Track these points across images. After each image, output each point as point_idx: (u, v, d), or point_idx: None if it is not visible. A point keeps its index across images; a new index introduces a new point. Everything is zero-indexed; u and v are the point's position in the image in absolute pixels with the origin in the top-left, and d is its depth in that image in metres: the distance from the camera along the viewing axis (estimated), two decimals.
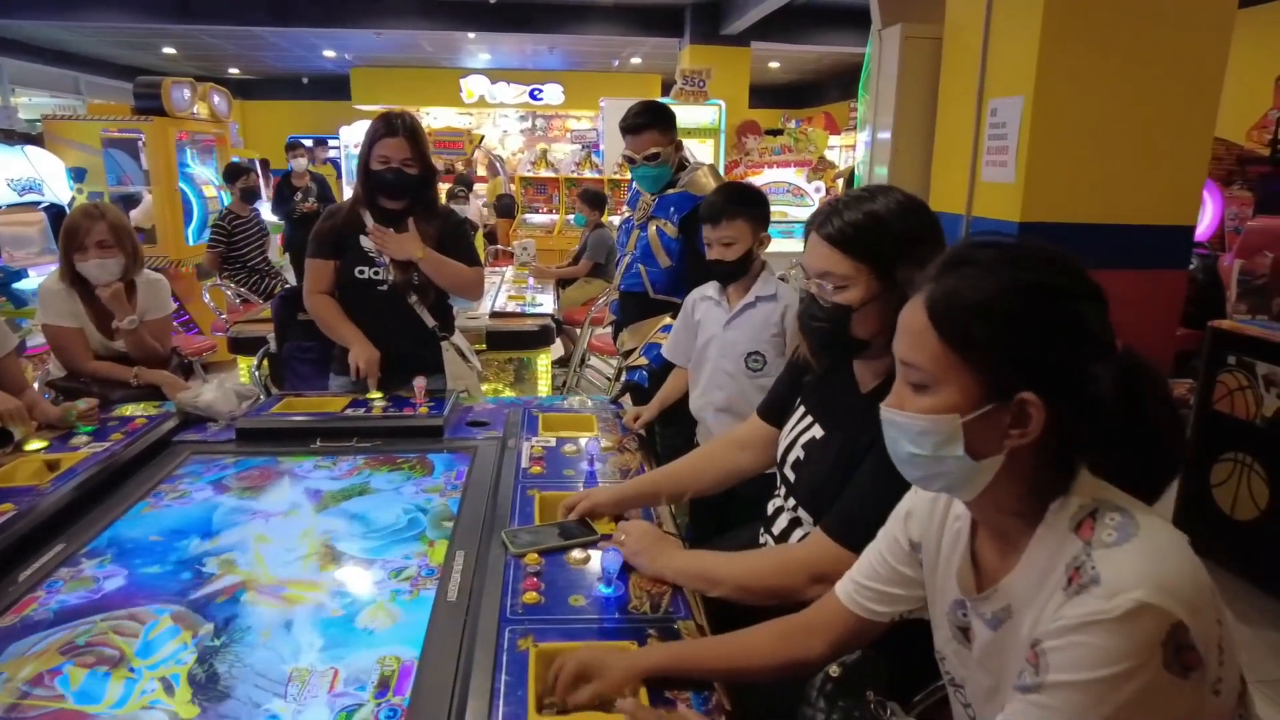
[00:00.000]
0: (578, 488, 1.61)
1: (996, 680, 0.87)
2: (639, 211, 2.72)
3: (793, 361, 1.57)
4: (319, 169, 8.19)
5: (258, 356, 2.73)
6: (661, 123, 2.59)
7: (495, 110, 15.16)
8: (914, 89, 3.25)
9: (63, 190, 5.41)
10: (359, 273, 2.25)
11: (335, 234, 2.25)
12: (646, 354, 2.56)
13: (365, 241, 2.22)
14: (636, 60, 13.46)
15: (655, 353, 2.52)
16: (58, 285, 2.39)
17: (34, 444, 1.80)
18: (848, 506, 1.23)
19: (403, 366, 2.19)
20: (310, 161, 7.25)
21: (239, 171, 5.51)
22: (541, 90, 14.54)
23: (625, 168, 2.70)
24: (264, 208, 6.36)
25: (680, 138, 2.71)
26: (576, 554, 1.35)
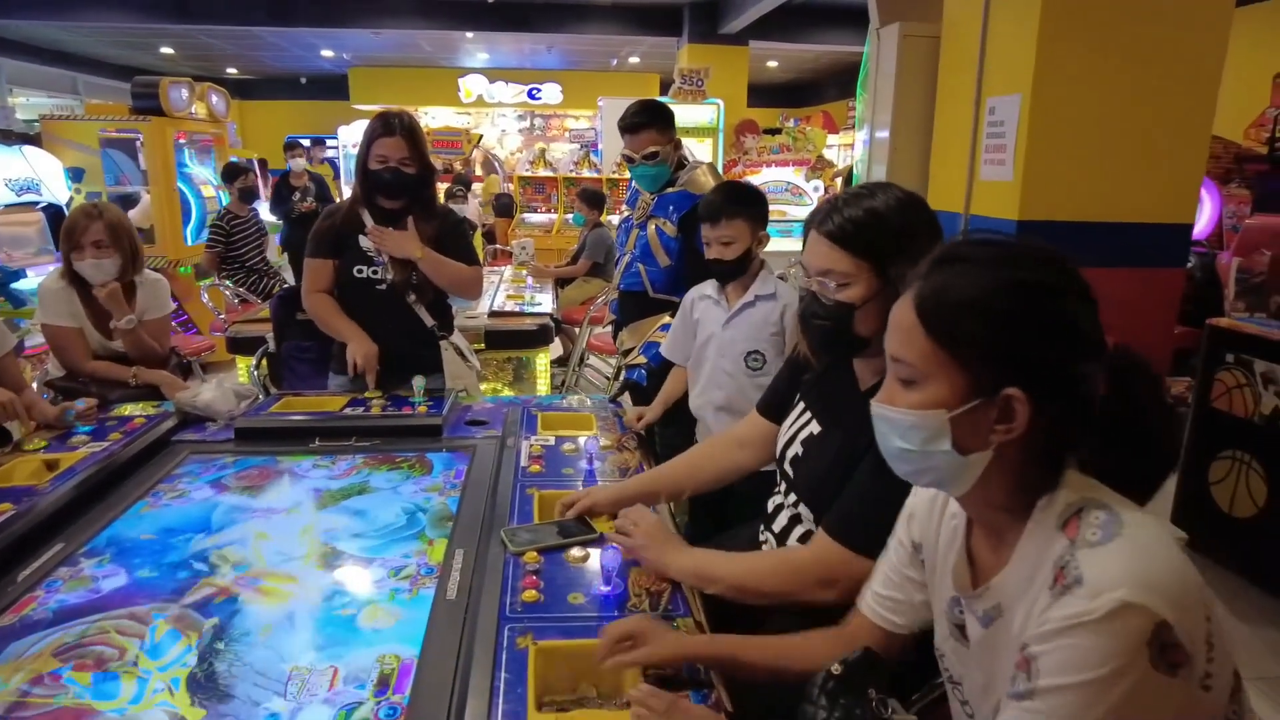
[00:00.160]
0: (576, 486, 1.61)
1: (989, 677, 0.87)
2: (638, 211, 2.72)
3: (792, 358, 1.57)
4: (317, 169, 8.18)
5: (256, 356, 2.73)
6: (660, 122, 2.59)
7: (493, 110, 15.15)
8: (912, 87, 3.25)
9: (61, 190, 5.41)
10: (358, 272, 2.25)
11: (334, 233, 2.25)
12: (645, 353, 2.56)
13: (364, 241, 2.22)
14: (635, 59, 13.46)
15: (654, 351, 2.52)
16: (57, 284, 2.39)
17: (32, 444, 1.80)
18: (847, 506, 1.23)
19: (401, 366, 2.19)
20: (308, 161, 7.24)
21: (237, 171, 5.51)
22: (540, 90, 14.54)
23: (624, 167, 2.70)
24: (262, 208, 6.36)
25: (679, 137, 2.71)
26: (575, 552, 1.35)
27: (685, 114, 8.79)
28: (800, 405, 1.44)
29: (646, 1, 10.17)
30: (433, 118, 14.31)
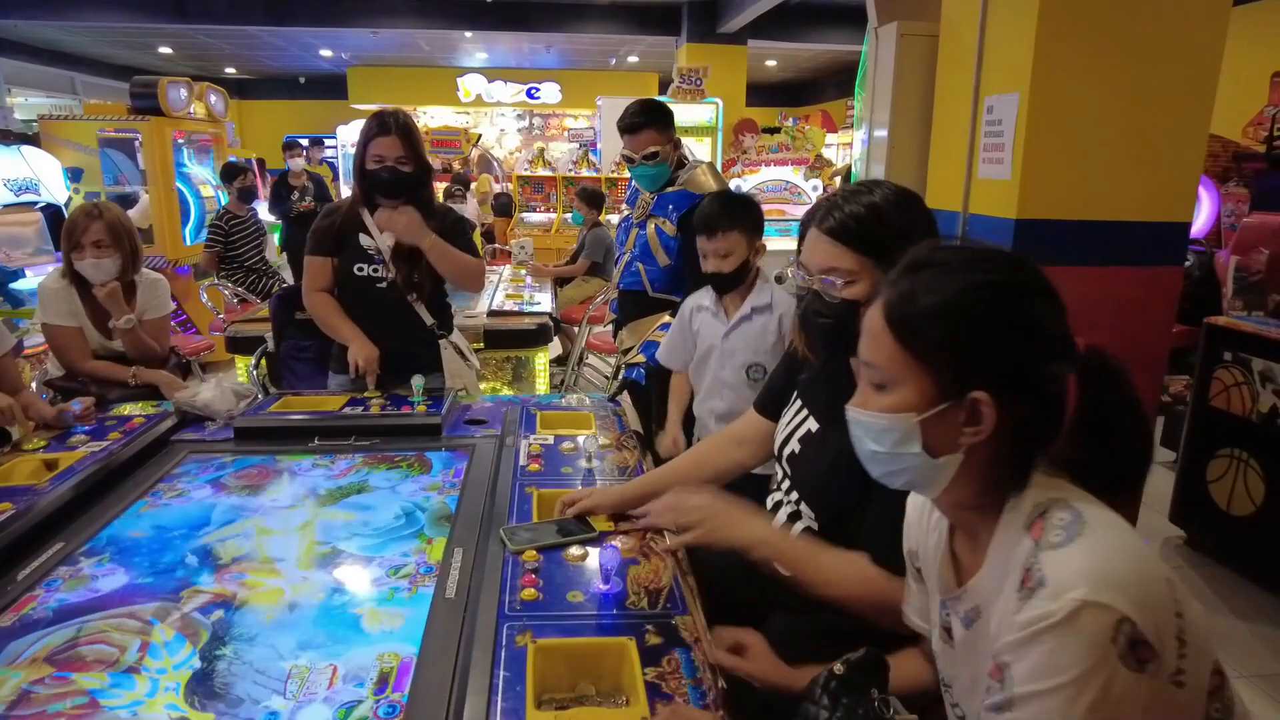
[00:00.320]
0: (575, 485, 1.61)
1: (974, 678, 0.88)
2: (638, 210, 2.72)
3: (788, 355, 1.56)
4: (316, 169, 8.18)
5: (255, 356, 2.73)
6: (659, 121, 2.59)
7: (492, 109, 15.15)
8: (910, 86, 3.25)
9: (59, 190, 5.41)
10: (358, 270, 2.25)
11: (334, 231, 2.26)
12: (645, 352, 2.56)
13: (364, 239, 2.22)
14: (633, 59, 13.46)
15: (653, 351, 2.52)
16: (58, 284, 2.39)
17: (31, 443, 1.80)
18: (884, 536, 1.14)
19: (401, 365, 2.19)
20: (307, 161, 7.24)
21: (236, 171, 5.51)
22: (538, 89, 14.54)
23: (623, 166, 2.70)
24: (261, 207, 6.35)
25: (678, 136, 2.71)
26: (574, 551, 1.35)
27: (684, 113, 8.79)
28: (798, 403, 1.44)
29: (645, 1, 10.16)
30: (431, 117, 14.31)
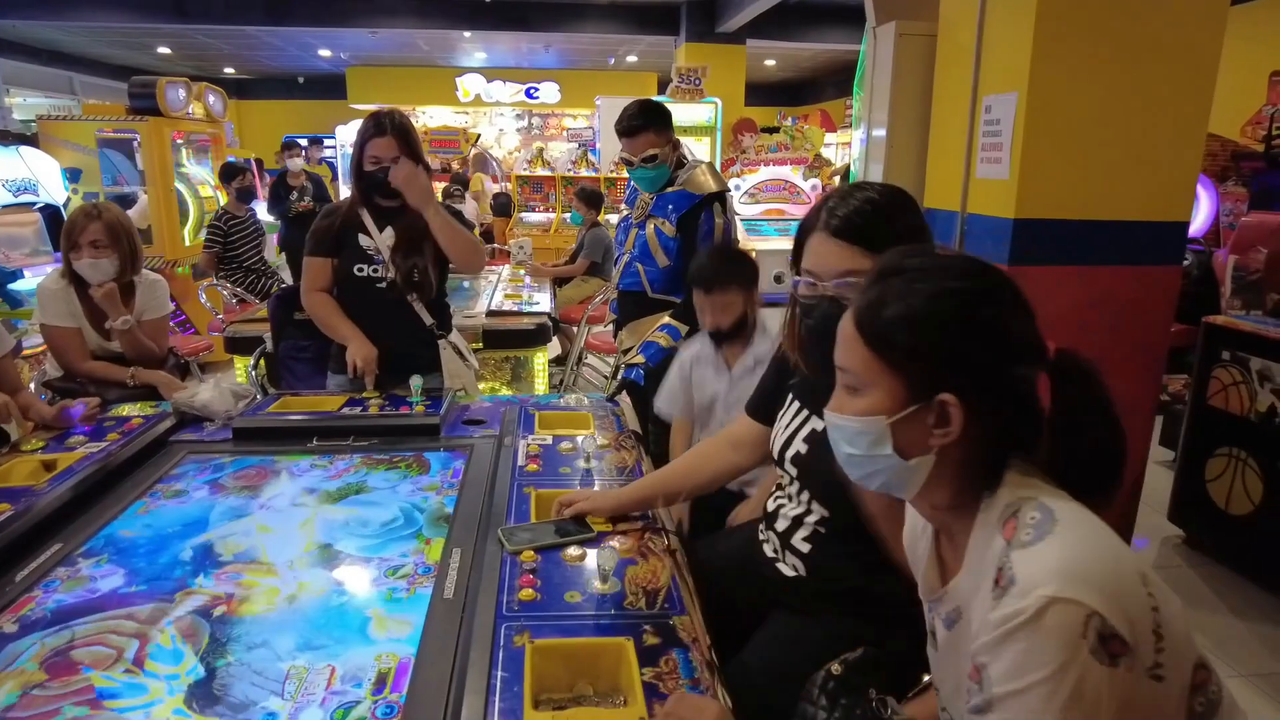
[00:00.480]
0: (574, 485, 1.61)
1: (957, 680, 0.88)
2: (637, 210, 2.72)
3: (778, 358, 1.56)
4: (314, 168, 8.17)
5: (254, 356, 2.73)
6: (658, 123, 2.58)
7: (491, 109, 15.14)
8: (909, 86, 3.25)
9: (58, 191, 5.40)
10: (358, 270, 2.25)
11: (334, 232, 2.26)
12: (644, 352, 2.56)
13: (364, 240, 2.23)
14: (632, 58, 13.45)
15: (652, 351, 2.52)
16: (57, 285, 2.39)
17: (30, 444, 1.80)
18: None
19: (400, 365, 2.19)
20: (306, 161, 7.24)
21: (235, 171, 5.50)
22: (537, 89, 14.54)
23: (622, 166, 2.70)
24: (260, 207, 6.35)
25: (677, 137, 2.71)
26: (573, 551, 1.35)
27: (683, 113, 8.81)
28: (795, 405, 1.44)
29: (644, 0, 10.16)
30: (430, 117, 14.31)
